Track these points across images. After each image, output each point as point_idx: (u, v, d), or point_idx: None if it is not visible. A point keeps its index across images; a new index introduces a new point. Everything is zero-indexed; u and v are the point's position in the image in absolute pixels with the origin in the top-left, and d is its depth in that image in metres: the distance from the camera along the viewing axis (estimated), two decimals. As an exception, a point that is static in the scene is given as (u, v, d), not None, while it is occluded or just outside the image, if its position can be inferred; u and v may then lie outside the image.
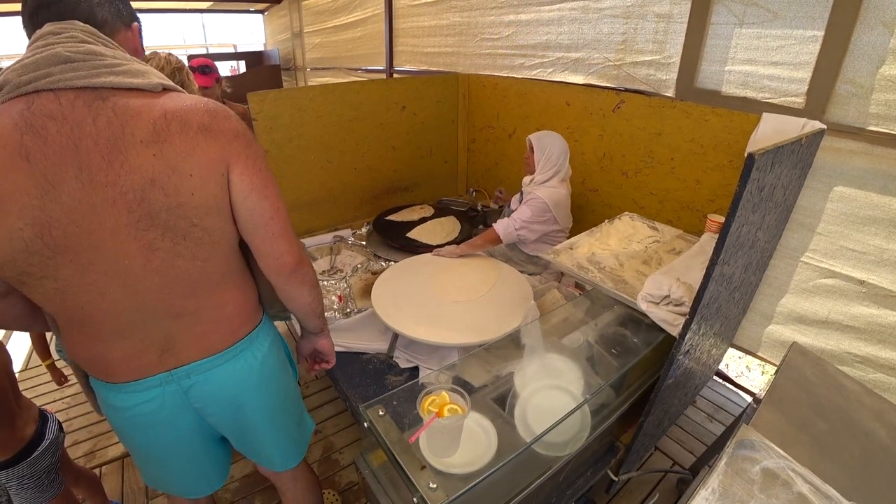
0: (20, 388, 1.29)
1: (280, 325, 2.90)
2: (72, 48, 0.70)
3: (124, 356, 0.86)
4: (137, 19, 0.89)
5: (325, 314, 1.79)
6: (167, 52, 1.56)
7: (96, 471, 1.87)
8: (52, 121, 0.68)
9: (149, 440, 0.98)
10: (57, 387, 1.90)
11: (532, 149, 1.97)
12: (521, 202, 2.03)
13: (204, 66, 2.39)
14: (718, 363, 2.27)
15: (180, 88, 0.81)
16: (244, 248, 0.94)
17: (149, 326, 0.85)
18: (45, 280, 0.74)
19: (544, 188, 1.94)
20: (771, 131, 1.45)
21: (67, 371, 1.79)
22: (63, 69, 0.69)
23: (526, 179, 2.03)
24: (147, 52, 1.55)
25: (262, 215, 0.85)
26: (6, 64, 1.49)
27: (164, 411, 0.92)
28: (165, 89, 0.78)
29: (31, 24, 0.74)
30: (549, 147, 1.94)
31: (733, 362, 2.79)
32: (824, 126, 1.36)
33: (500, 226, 1.94)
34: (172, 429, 0.97)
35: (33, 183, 0.67)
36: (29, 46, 0.71)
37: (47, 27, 0.72)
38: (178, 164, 0.74)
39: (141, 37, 0.91)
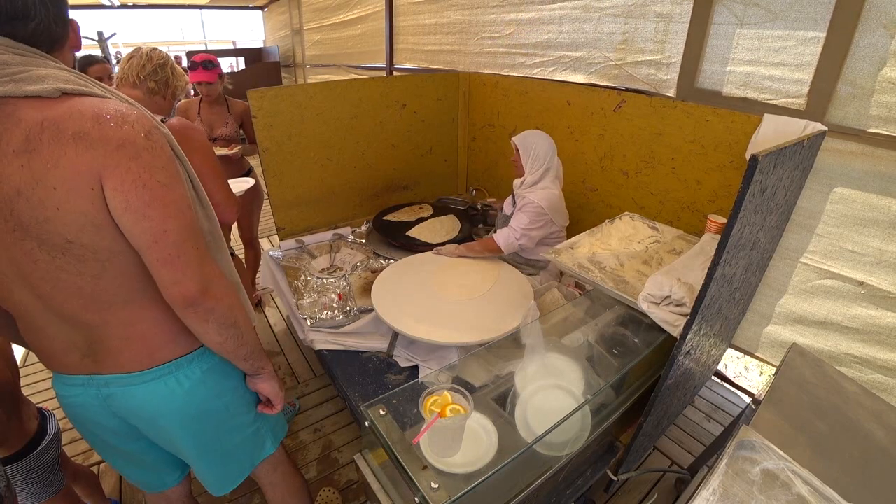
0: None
1: (280, 324, 2.90)
2: None
3: (52, 351, 0.88)
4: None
5: (326, 313, 1.81)
6: (151, 47, 1.53)
7: (94, 468, 1.87)
8: None
9: (87, 432, 1.01)
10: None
11: (517, 150, 1.92)
12: (514, 207, 2.00)
13: (207, 62, 2.38)
14: (717, 363, 2.28)
15: (93, 92, 0.75)
16: None
17: (63, 328, 0.85)
18: None
19: (538, 190, 1.89)
20: (772, 132, 1.46)
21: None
22: None
23: (517, 182, 1.98)
24: (132, 48, 1.53)
25: (141, 238, 0.76)
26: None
27: (89, 411, 0.94)
28: (68, 94, 0.72)
29: None
30: (534, 146, 1.88)
31: (732, 362, 2.80)
32: (825, 128, 1.37)
33: (501, 237, 1.91)
34: (102, 427, 0.97)
35: None
36: None
37: None
38: (43, 176, 0.69)
39: (78, 33, 0.86)
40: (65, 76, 0.74)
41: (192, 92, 2.49)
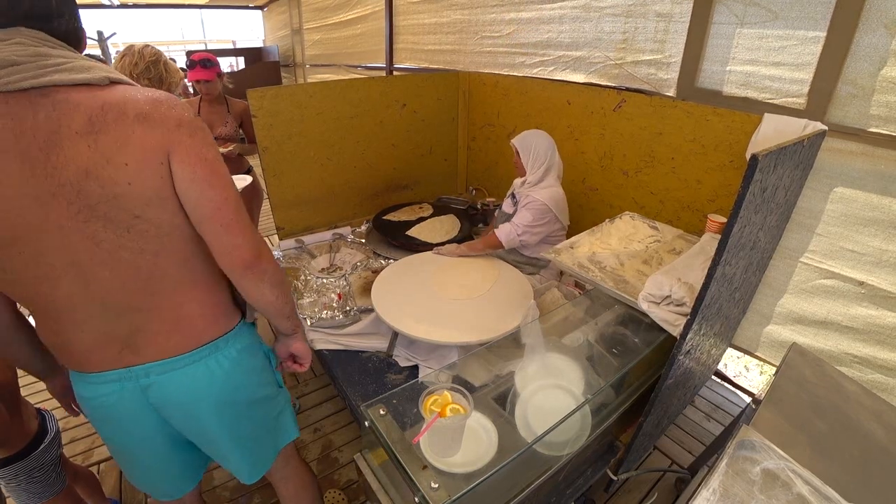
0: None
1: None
2: (18, 52, 0.71)
3: (86, 347, 0.86)
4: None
5: (326, 313, 1.81)
6: (143, 44, 1.53)
7: (94, 469, 1.87)
8: None
9: (113, 434, 0.99)
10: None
11: (517, 152, 1.94)
12: (515, 205, 2.01)
13: (205, 60, 2.38)
14: (717, 363, 2.28)
15: (131, 82, 0.81)
16: None
17: (106, 320, 0.85)
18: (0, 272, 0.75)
19: (541, 189, 1.91)
20: (772, 132, 1.45)
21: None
22: (9, 72, 0.70)
23: (517, 181, 2.00)
24: (124, 47, 1.53)
25: (207, 206, 0.82)
26: None
27: (123, 407, 0.92)
28: (114, 82, 0.77)
29: None
30: (533, 145, 1.90)
31: (731, 362, 2.80)
32: (825, 127, 1.36)
33: (503, 232, 1.92)
34: (134, 426, 0.96)
35: None
36: None
37: None
38: (113, 154, 0.74)
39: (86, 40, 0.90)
40: (106, 67, 0.78)
41: (192, 91, 2.49)
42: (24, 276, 0.77)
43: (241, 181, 2.27)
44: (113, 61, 1.65)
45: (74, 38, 0.81)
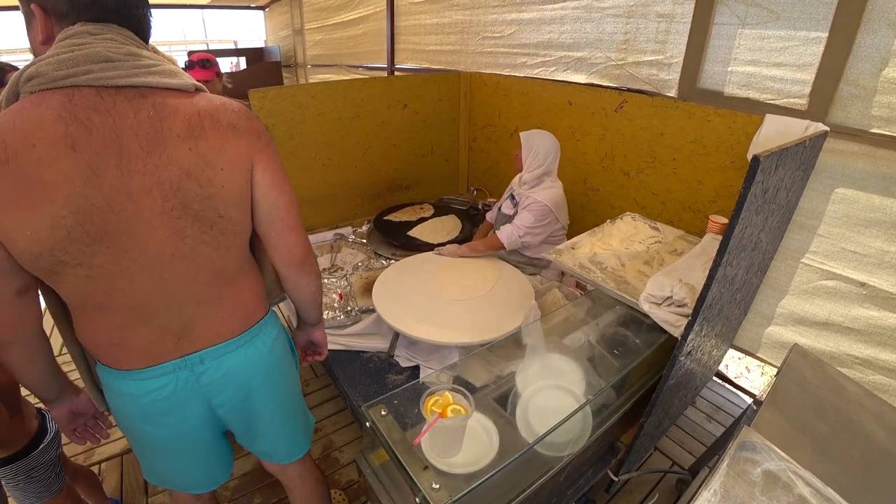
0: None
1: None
2: (112, 48, 0.73)
3: (143, 343, 0.88)
4: None
5: (327, 313, 1.81)
6: None
7: (95, 468, 1.87)
8: (97, 112, 0.71)
9: (157, 430, 0.98)
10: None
11: (521, 146, 1.95)
12: (515, 206, 2.02)
13: (204, 60, 2.39)
14: (718, 364, 2.28)
15: (204, 88, 0.86)
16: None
17: (171, 313, 0.87)
18: (79, 268, 0.75)
19: (542, 190, 1.92)
20: (773, 133, 1.45)
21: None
22: (104, 67, 0.71)
23: (515, 181, 2.02)
24: None
25: (279, 209, 0.91)
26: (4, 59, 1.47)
27: (175, 399, 0.94)
28: (197, 90, 0.83)
29: (73, 8, 0.73)
30: (536, 145, 1.91)
31: (733, 363, 2.79)
32: (827, 128, 1.36)
33: (504, 234, 1.93)
34: (182, 418, 0.97)
35: (78, 172, 0.70)
36: (59, 43, 0.72)
37: (80, 27, 0.73)
38: (212, 159, 0.79)
39: None
40: (186, 73, 0.83)
41: None
42: (106, 271, 0.77)
43: None
44: None
45: (148, 31, 0.84)
